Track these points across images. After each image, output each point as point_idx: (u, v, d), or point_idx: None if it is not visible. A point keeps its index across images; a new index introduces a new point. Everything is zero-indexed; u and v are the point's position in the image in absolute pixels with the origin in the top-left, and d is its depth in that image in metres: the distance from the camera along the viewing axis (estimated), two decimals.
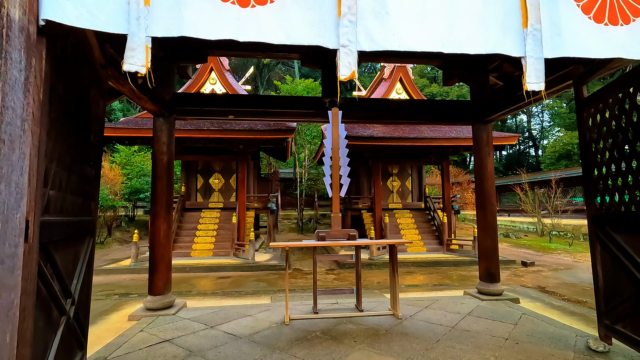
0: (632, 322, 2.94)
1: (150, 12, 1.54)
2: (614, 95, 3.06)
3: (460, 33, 1.73)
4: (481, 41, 1.75)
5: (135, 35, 1.52)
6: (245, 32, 1.63)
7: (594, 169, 3.38)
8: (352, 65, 1.62)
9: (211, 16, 1.60)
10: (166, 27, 1.57)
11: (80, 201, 2.41)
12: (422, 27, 1.72)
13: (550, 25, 1.76)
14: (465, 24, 1.75)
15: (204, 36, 1.61)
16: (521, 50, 1.76)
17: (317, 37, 1.66)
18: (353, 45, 1.65)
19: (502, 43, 1.76)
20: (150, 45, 1.55)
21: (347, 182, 5.04)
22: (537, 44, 1.72)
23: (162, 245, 4.85)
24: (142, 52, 1.52)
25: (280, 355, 3.21)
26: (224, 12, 1.62)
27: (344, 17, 1.64)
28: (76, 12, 1.47)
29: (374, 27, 1.69)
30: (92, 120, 2.66)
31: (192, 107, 5.12)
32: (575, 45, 1.78)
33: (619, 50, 1.79)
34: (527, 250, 12.65)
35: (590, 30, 1.79)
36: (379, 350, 3.30)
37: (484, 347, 3.36)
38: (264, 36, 1.64)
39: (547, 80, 4.07)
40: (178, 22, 1.58)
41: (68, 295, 2.14)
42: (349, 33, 1.64)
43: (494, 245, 5.41)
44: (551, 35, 1.76)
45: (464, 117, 5.69)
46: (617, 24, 1.80)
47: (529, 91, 1.76)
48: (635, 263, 2.85)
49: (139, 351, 3.38)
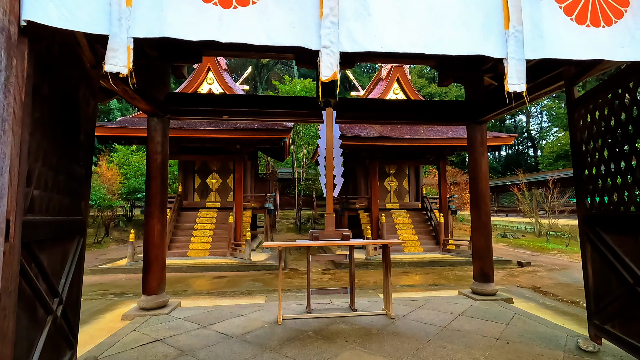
0: (621, 322, 2.95)
1: (132, 13, 1.55)
2: (603, 96, 3.07)
3: (442, 34, 1.74)
4: (463, 42, 1.76)
5: (117, 36, 1.52)
6: (227, 33, 1.64)
7: (584, 169, 3.39)
8: (333, 66, 1.63)
9: (193, 17, 1.61)
10: (148, 28, 1.58)
11: (68, 201, 2.41)
12: (404, 29, 1.73)
13: (533, 27, 1.77)
14: (447, 25, 1.75)
15: (186, 37, 1.62)
16: (503, 52, 1.76)
17: (298, 38, 1.67)
18: (335, 47, 1.65)
19: (483, 44, 1.77)
20: (132, 46, 1.56)
21: (341, 182, 5.04)
22: (518, 45, 1.73)
23: (156, 245, 4.86)
24: (123, 52, 1.53)
25: (271, 355, 3.22)
26: (205, 13, 1.63)
27: (326, 18, 1.65)
28: (58, 12, 1.47)
29: (356, 28, 1.70)
30: (82, 119, 2.66)
31: (186, 107, 5.13)
32: (557, 46, 1.79)
33: (600, 51, 1.80)
34: (524, 250, 12.67)
35: (572, 32, 1.80)
36: (370, 350, 3.31)
37: (474, 347, 3.37)
38: (245, 37, 1.64)
39: (539, 81, 4.12)
40: (160, 22, 1.58)
41: (55, 294, 2.14)
42: (330, 34, 1.65)
43: (487, 245, 5.42)
44: (533, 36, 1.77)
45: (458, 117, 5.70)
46: (599, 25, 1.81)
47: (511, 92, 1.77)
48: (623, 263, 2.86)
49: (131, 350, 3.38)
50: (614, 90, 2.93)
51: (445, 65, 5.57)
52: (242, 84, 15.62)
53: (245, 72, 16.72)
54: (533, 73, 4.24)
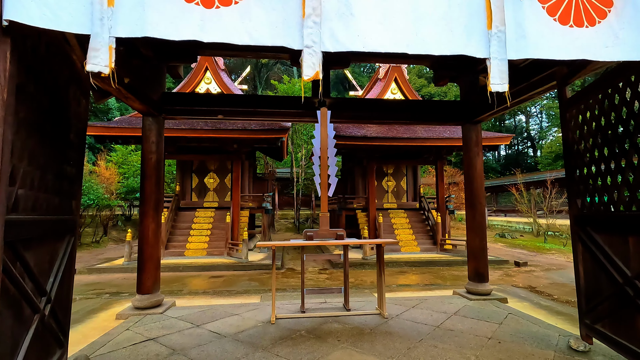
0: (611, 322, 2.96)
1: (114, 13, 1.55)
2: (594, 96, 3.08)
3: (425, 34, 1.74)
4: (446, 42, 1.76)
5: (99, 36, 1.53)
6: (209, 33, 1.64)
7: (576, 169, 3.40)
8: (315, 66, 1.63)
9: (175, 17, 1.62)
10: (130, 27, 1.58)
11: (57, 200, 2.42)
12: (386, 29, 1.73)
13: (516, 27, 1.78)
14: (430, 25, 1.76)
15: (168, 37, 1.63)
16: (485, 52, 1.77)
17: (281, 37, 1.67)
18: (317, 46, 1.66)
19: (466, 44, 1.77)
20: (114, 45, 1.56)
21: (335, 182, 5.05)
22: (501, 45, 1.73)
23: (150, 244, 4.86)
24: (105, 52, 1.53)
25: (263, 354, 3.23)
26: (188, 13, 1.63)
27: (308, 18, 1.65)
28: (39, 12, 1.47)
29: (339, 28, 1.71)
30: (72, 119, 2.67)
31: (181, 106, 5.13)
32: (540, 46, 1.80)
33: (584, 52, 1.81)
34: (522, 250, 12.68)
35: (556, 32, 1.80)
36: (361, 350, 3.31)
37: (466, 347, 3.37)
38: (228, 37, 1.65)
39: (531, 81, 4.12)
40: (142, 22, 1.59)
41: (42, 293, 2.15)
42: (313, 34, 1.65)
43: (482, 245, 5.43)
44: (516, 37, 1.77)
45: (454, 117, 5.71)
46: (582, 25, 1.81)
47: (493, 92, 1.77)
48: (613, 263, 2.87)
49: (123, 349, 3.39)
50: (604, 90, 2.94)
51: (441, 65, 5.57)
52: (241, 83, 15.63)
53: (244, 72, 16.71)
54: (526, 74, 4.25)
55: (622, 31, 1.81)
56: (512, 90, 4.64)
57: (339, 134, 10.60)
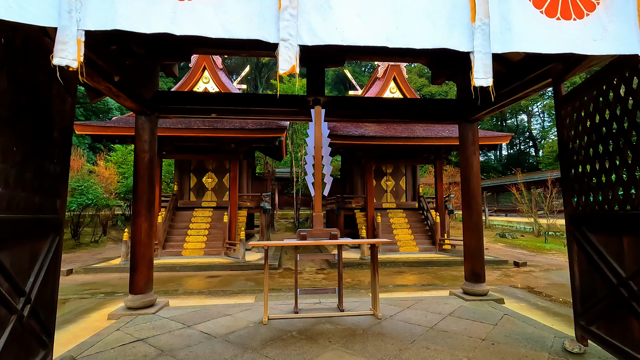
0: (606, 324, 2.90)
1: (83, 5, 1.50)
2: (588, 93, 3.01)
3: (406, 27, 1.69)
4: (428, 35, 1.70)
5: (67, 29, 1.48)
6: (182, 26, 1.59)
7: (571, 168, 3.34)
8: (292, 60, 1.58)
9: (146, 9, 1.57)
10: (99, 20, 1.53)
11: (38, 199, 2.38)
12: (365, 21, 1.68)
13: (501, 20, 1.72)
14: (411, 18, 1.70)
15: (138, 29, 1.58)
16: (469, 45, 1.71)
17: (256, 30, 1.62)
18: (294, 40, 1.61)
19: (449, 38, 1.72)
20: (83, 38, 1.52)
21: (330, 181, 5.01)
22: (485, 38, 1.68)
23: (143, 243, 4.83)
24: (73, 45, 1.49)
25: (252, 355, 3.18)
26: (159, 5, 1.59)
27: (285, 10, 1.60)
28: (5, 4, 1.43)
29: (316, 20, 1.66)
30: (56, 116, 2.63)
31: (174, 105, 5.09)
32: (526, 40, 1.74)
33: (571, 45, 1.74)
34: (522, 250, 12.59)
35: (542, 25, 1.74)
36: (352, 351, 3.26)
37: (458, 348, 3.32)
38: (201, 30, 1.60)
39: (527, 78, 4.06)
40: (112, 15, 1.54)
41: (21, 293, 2.11)
42: (289, 27, 1.60)
43: (479, 245, 5.37)
44: (501, 30, 1.71)
45: (450, 115, 5.65)
46: (569, 18, 1.75)
47: (477, 87, 1.72)
48: (607, 263, 2.81)
49: (111, 350, 3.35)
50: (599, 87, 2.88)
51: (437, 63, 5.51)
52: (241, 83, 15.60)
53: (244, 72, 16.68)
54: (521, 71, 4.19)
55: (611, 24, 1.75)
56: (507, 88, 4.59)
57: (337, 133, 10.56)
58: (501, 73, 4.95)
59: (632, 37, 1.73)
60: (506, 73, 4.68)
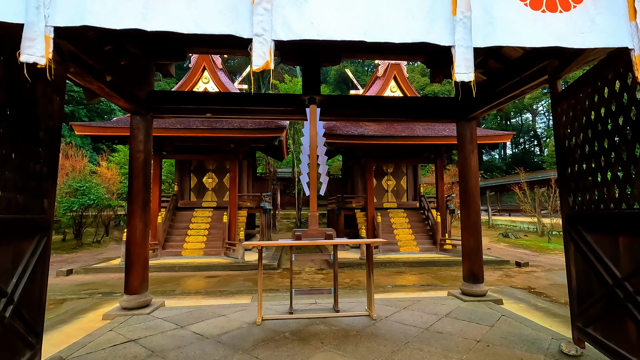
0: (602, 325, 2.83)
1: (52, 1, 1.48)
2: (584, 90, 2.94)
3: (384, 21, 1.64)
4: (407, 29, 1.65)
5: (35, 25, 1.45)
6: (152, 22, 1.56)
7: (567, 166, 3.27)
8: (266, 55, 1.54)
9: (116, 4, 1.54)
10: (69, 16, 1.51)
11: (22, 199, 2.36)
12: (342, 15, 1.63)
13: (483, 13, 1.66)
14: (390, 11, 1.65)
15: (108, 25, 1.55)
16: (450, 39, 1.65)
17: (229, 25, 1.59)
18: (268, 35, 1.57)
19: (429, 31, 1.66)
20: (52, 35, 1.49)
21: (326, 181, 4.96)
22: (466, 32, 1.62)
23: (138, 244, 4.82)
24: (41, 42, 1.46)
25: (242, 357, 3.15)
26: (129, 0, 1.55)
27: (259, 4, 1.56)
28: None
29: (292, 15, 1.61)
30: (41, 116, 2.61)
31: (169, 105, 5.07)
32: (510, 33, 1.68)
33: (556, 38, 1.68)
34: (525, 250, 12.46)
35: (526, 18, 1.68)
36: (344, 352, 3.22)
37: (452, 350, 3.26)
38: (173, 25, 1.57)
39: (523, 75, 3.99)
40: (81, 10, 1.51)
41: (2, 294, 2.09)
42: (263, 22, 1.56)
43: (477, 245, 5.30)
44: (484, 23, 1.65)
45: (447, 114, 5.59)
46: (555, 10, 1.69)
47: (458, 82, 1.67)
48: (603, 264, 2.74)
49: (101, 351, 3.34)
50: (594, 83, 2.81)
51: (434, 61, 5.44)
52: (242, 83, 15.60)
53: (245, 72, 16.69)
54: (518, 68, 4.12)
55: (599, 16, 1.68)
56: (505, 85, 4.52)
57: (336, 133, 10.52)
58: (499, 70, 4.89)
59: (621, 29, 1.67)
60: (504, 70, 4.62)
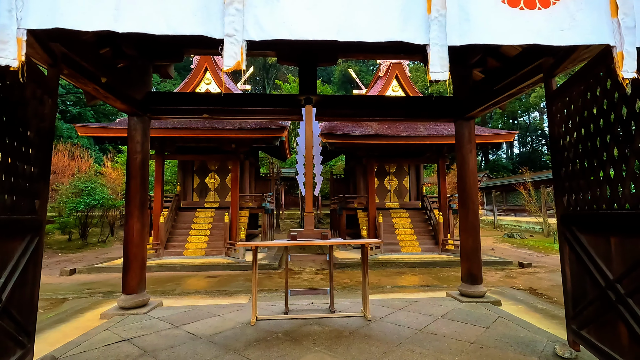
0: (596, 328, 2.78)
1: (25, 4, 1.49)
2: (577, 88, 2.89)
3: (357, 20, 1.62)
4: (380, 28, 1.63)
5: (7, 28, 1.47)
6: (124, 23, 1.56)
7: (562, 166, 3.21)
8: (237, 56, 1.54)
9: (87, 6, 1.55)
10: (41, 18, 1.52)
11: (11, 199, 2.39)
12: (314, 14, 1.62)
13: (459, 11, 1.63)
14: (363, 9, 1.63)
15: (80, 27, 1.56)
16: (425, 38, 1.63)
17: (200, 26, 1.58)
18: (239, 35, 1.56)
19: (403, 30, 1.64)
20: (24, 38, 1.50)
21: (321, 181, 4.96)
22: (441, 30, 1.59)
23: (135, 244, 4.86)
24: (14, 45, 1.48)
25: (233, 357, 3.16)
26: (101, 2, 1.56)
27: (230, 5, 1.56)
28: None
29: (263, 14, 1.61)
30: (32, 118, 2.65)
31: (166, 106, 5.10)
32: (486, 31, 1.64)
33: (535, 36, 1.65)
34: (529, 250, 12.30)
35: (504, 15, 1.65)
36: (334, 353, 3.21)
37: (444, 352, 3.23)
38: (144, 27, 1.57)
39: (519, 74, 3.94)
40: (53, 12, 1.52)
41: None
42: (235, 22, 1.56)
43: (475, 245, 5.24)
44: (460, 21, 1.63)
45: (446, 113, 5.54)
46: (534, 7, 1.65)
47: (433, 80, 1.64)
48: (596, 265, 2.68)
49: (95, 350, 3.37)
50: (587, 81, 2.76)
51: None
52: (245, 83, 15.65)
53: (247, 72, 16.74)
54: (515, 66, 4.07)
55: (579, 12, 1.65)
56: (502, 83, 4.46)
57: (337, 133, 10.50)
58: (497, 68, 4.83)
59: (602, 26, 1.63)
60: (501, 68, 4.56)
